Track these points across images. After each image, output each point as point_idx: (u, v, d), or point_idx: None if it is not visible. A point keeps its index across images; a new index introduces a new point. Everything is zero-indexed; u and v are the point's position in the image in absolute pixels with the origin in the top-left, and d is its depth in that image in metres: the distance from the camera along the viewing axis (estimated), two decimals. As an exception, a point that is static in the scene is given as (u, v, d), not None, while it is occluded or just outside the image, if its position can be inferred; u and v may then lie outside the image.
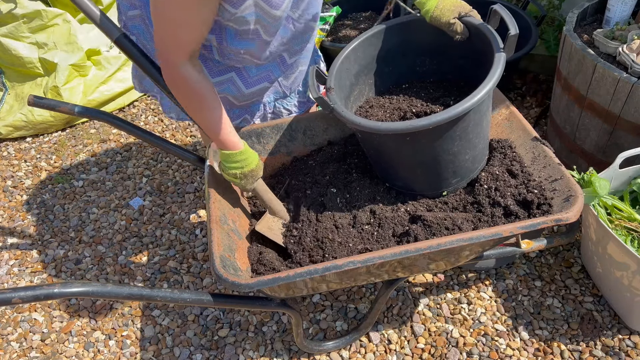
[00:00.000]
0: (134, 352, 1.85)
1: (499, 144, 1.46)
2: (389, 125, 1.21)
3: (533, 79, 2.82)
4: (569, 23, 1.98)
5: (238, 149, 1.35)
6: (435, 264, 1.31)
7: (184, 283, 2.06)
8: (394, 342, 1.76)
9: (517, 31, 1.20)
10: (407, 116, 1.45)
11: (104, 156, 2.79)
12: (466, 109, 1.16)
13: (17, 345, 1.91)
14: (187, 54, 1.19)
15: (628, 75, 1.68)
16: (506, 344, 1.71)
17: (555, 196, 1.26)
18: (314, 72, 1.38)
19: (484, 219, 1.31)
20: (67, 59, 2.88)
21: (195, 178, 2.56)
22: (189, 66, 1.21)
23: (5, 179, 2.72)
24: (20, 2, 2.75)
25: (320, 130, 1.64)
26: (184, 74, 1.21)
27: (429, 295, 1.88)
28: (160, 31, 1.17)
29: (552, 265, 1.93)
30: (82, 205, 2.48)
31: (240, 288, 1.12)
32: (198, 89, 1.24)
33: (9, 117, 2.91)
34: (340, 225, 1.40)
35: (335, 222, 1.41)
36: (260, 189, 1.45)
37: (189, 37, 1.16)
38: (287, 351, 1.77)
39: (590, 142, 1.98)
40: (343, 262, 1.11)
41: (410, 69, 1.59)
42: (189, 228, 2.29)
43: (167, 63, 1.21)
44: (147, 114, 3.11)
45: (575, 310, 1.78)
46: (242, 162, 1.36)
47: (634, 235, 1.59)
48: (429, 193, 1.43)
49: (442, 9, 1.34)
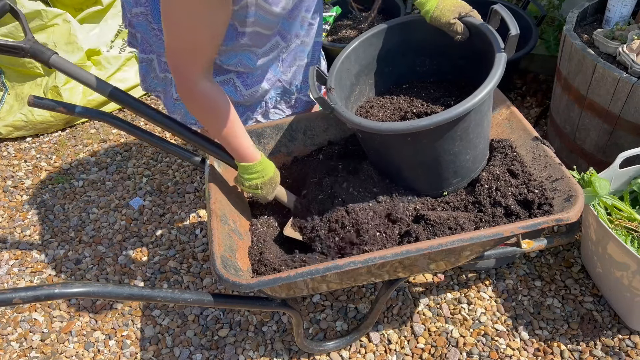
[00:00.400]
0: (134, 352, 1.84)
1: (500, 143, 1.46)
2: (389, 125, 1.21)
3: (533, 79, 2.82)
4: (569, 23, 1.98)
5: (256, 160, 1.35)
6: (435, 264, 1.31)
7: (184, 283, 2.05)
8: (394, 342, 1.76)
9: (518, 31, 1.20)
10: (407, 116, 1.45)
11: (104, 156, 2.79)
12: (467, 109, 1.16)
13: (17, 345, 1.91)
14: (204, 66, 1.14)
15: (628, 75, 1.68)
16: (506, 344, 1.71)
17: (555, 196, 1.26)
18: (314, 72, 1.38)
19: (485, 219, 1.31)
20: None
21: (195, 178, 2.56)
22: (206, 80, 1.17)
23: (5, 179, 2.71)
24: (20, 2, 2.75)
25: (321, 130, 1.64)
26: (201, 89, 1.17)
27: (429, 295, 1.89)
28: (174, 42, 1.10)
29: (552, 265, 1.93)
30: (82, 205, 2.48)
31: (240, 288, 1.12)
32: (215, 103, 1.21)
33: (9, 117, 2.90)
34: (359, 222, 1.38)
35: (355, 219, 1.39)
36: (280, 195, 1.46)
37: (208, 45, 1.11)
38: (287, 351, 1.77)
39: (590, 142, 1.98)
40: (344, 262, 1.11)
41: (410, 69, 1.59)
42: (189, 228, 2.29)
43: (182, 78, 1.15)
44: (147, 114, 3.10)
45: (575, 310, 1.78)
46: (261, 172, 1.36)
47: (634, 235, 1.59)
48: (429, 193, 1.43)
49: (442, 9, 1.34)
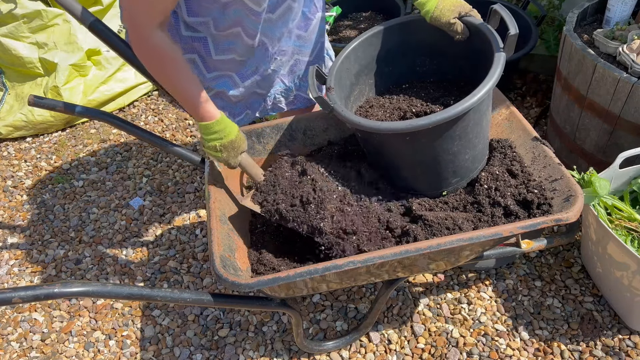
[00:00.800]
0: (134, 352, 1.85)
1: (499, 143, 1.46)
2: (389, 125, 1.21)
3: (533, 79, 2.82)
4: (569, 23, 1.98)
5: (215, 118, 1.30)
6: (435, 264, 1.31)
7: (184, 283, 2.06)
8: (394, 342, 1.76)
9: (517, 31, 1.20)
10: (407, 116, 1.45)
11: (104, 156, 2.79)
12: (466, 108, 1.16)
13: (17, 345, 1.91)
14: (160, 17, 1.13)
15: (628, 75, 1.68)
16: (506, 344, 1.71)
17: (555, 196, 1.26)
18: (313, 72, 1.38)
19: (484, 219, 1.31)
20: (67, 59, 2.88)
21: (195, 178, 2.56)
22: (160, 31, 1.15)
23: (5, 179, 2.72)
24: (20, 2, 2.75)
25: (320, 130, 1.64)
26: (156, 40, 1.15)
27: (429, 295, 1.88)
28: None
29: (552, 265, 1.93)
30: (82, 205, 2.48)
31: (240, 288, 1.12)
32: (170, 55, 1.19)
33: (9, 117, 2.91)
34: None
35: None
36: (246, 163, 1.41)
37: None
38: (287, 351, 1.77)
39: (590, 142, 1.98)
40: (343, 262, 1.11)
41: (410, 68, 1.59)
42: (189, 228, 2.29)
43: (137, 28, 1.14)
44: (147, 114, 3.11)
45: (575, 310, 1.78)
46: (221, 132, 1.31)
47: (634, 235, 1.59)
48: (429, 193, 1.43)
49: (442, 9, 1.34)
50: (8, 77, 3.06)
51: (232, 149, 1.34)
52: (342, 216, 1.32)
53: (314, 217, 1.30)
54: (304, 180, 1.38)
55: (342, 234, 1.30)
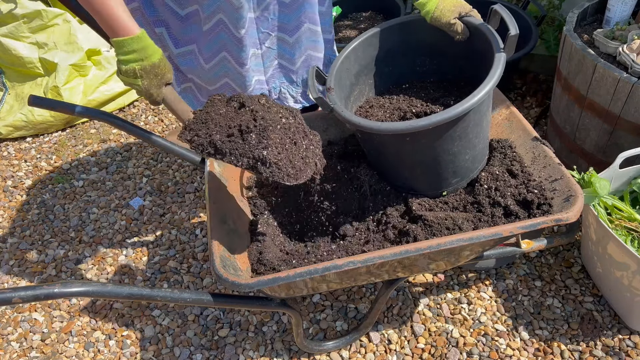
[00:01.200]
0: (134, 352, 1.85)
1: (499, 144, 1.47)
2: (389, 125, 1.21)
3: (533, 79, 2.82)
4: (569, 23, 1.98)
5: (133, 34, 1.10)
6: (435, 263, 1.31)
7: (184, 283, 2.06)
8: (394, 342, 1.76)
9: (517, 31, 1.20)
10: (407, 116, 1.45)
11: (104, 156, 2.79)
12: (466, 109, 1.16)
13: (17, 345, 1.91)
14: None
15: (628, 75, 1.68)
16: (506, 344, 1.71)
17: (555, 196, 1.26)
18: (313, 72, 1.38)
19: (484, 219, 1.31)
20: (67, 59, 2.88)
21: (195, 178, 2.56)
22: None
23: (5, 179, 2.72)
24: (20, 2, 2.75)
25: (320, 130, 1.64)
26: None
27: (429, 295, 1.88)
28: None
29: (552, 265, 1.93)
30: (82, 205, 2.48)
31: (240, 288, 1.12)
32: None
33: (9, 117, 2.91)
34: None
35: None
36: (172, 98, 1.22)
37: None
38: (287, 351, 1.77)
39: (590, 142, 1.98)
40: (343, 262, 1.11)
41: (410, 69, 1.59)
42: (189, 228, 2.29)
43: None
44: (147, 114, 3.11)
45: (575, 310, 1.78)
46: (141, 52, 1.11)
47: (634, 235, 1.59)
48: (429, 193, 1.43)
49: (442, 9, 1.34)
50: (8, 77, 3.06)
51: (154, 75, 1.15)
52: (291, 149, 1.13)
53: (255, 147, 1.09)
54: (242, 112, 1.16)
55: (290, 166, 1.12)
